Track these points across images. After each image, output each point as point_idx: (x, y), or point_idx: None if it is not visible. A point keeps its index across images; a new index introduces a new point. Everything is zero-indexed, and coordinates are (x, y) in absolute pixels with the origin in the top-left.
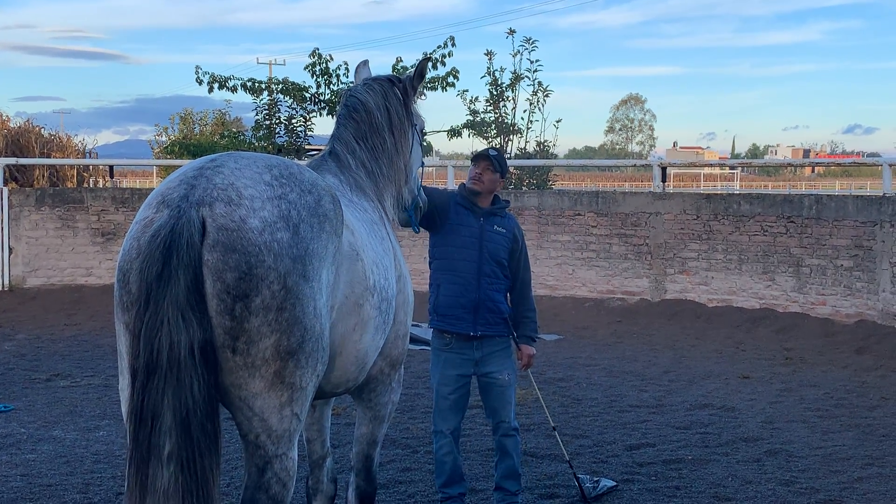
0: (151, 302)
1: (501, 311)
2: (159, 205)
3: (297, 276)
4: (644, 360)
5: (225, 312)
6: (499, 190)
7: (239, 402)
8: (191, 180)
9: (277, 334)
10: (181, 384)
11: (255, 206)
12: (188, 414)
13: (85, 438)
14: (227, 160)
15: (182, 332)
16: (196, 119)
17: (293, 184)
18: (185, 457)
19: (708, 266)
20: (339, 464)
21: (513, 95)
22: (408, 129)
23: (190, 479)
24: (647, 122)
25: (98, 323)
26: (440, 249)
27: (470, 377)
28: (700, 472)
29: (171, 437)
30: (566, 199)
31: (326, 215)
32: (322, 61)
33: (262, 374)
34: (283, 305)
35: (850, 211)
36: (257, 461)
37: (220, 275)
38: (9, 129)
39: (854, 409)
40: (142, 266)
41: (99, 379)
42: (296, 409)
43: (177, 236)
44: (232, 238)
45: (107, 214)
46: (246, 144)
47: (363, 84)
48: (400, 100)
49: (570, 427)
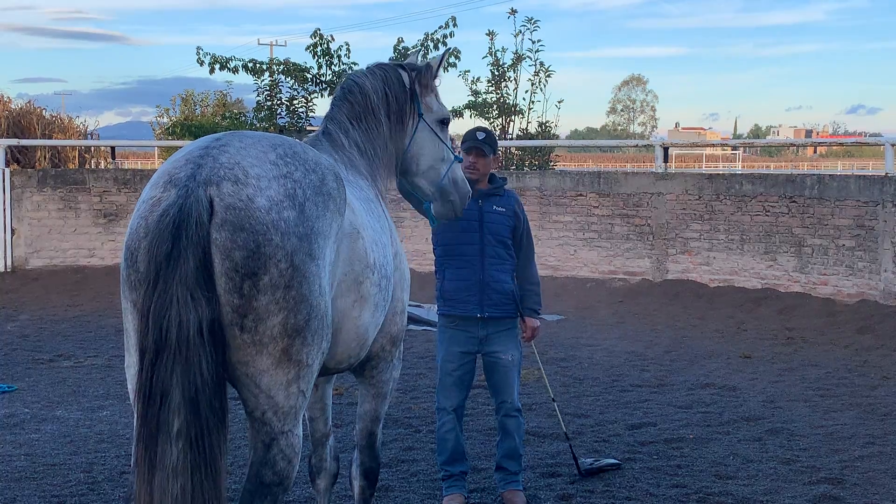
0: (160, 281)
1: (507, 291)
2: (166, 184)
3: (304, 254)
4: (646, 340)
5: (233, 291)
6: (495, 168)
7: (246, 380)
8: (197, 159)
9: (285, 312)
10: (190, 362)
11: (261, 185)
12: (196, 392)
13: (88, 418)
14: (231, 139)
15: (191, 310)
16: (197, 100)
17: (298, 162)
18: (194, 434)
19: (710, 246)
20: (341, 443)
21: (514, 76)
22: (406, 116)
23: (198, 456)
24: (649, 103)
25: (100, 304)
26: (443, 235)
27: (475, 355)
28: (701, 450)
29: (179, 414)
30: (568, 180)
31: (330, 194)
32: (323, 42)
33: (269, 351)
34: (291, 283)
35: (852, 191)
36: (263, 438)
37: (229, 253)
38: (10, 110)
39: (855, 389)
40: (150, 245)
41: (102, 359)
42: (302, 386)
43: (185, 216)
44: (240, 217)
45: (109, 195)
46: (247, 125)
47: (365, 68)
48: (405, 87)
49: (571, 406)
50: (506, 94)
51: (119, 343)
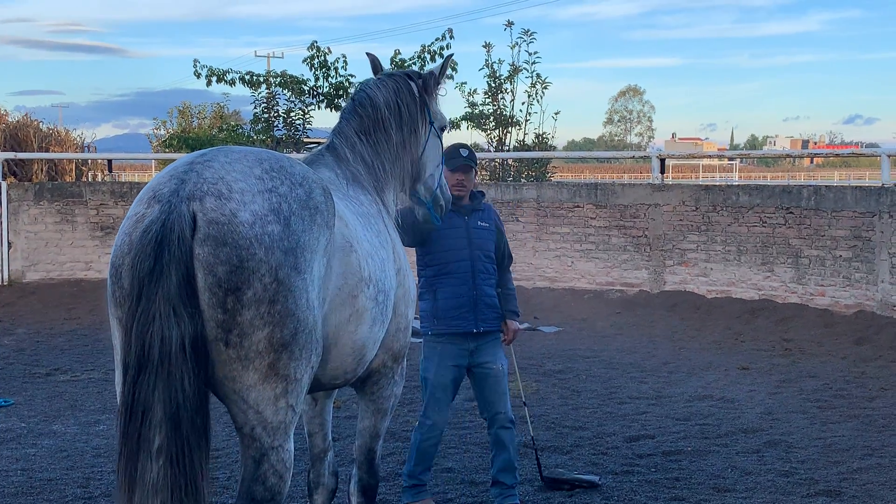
0: (143, 297)
1: (496, 304)
2: (150, 200)
3: (289, 268)
4: (643, 352)
5: (217, 306)
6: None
7: (233, 395)
8: (181, 175)
9: (270, 326)
10: (172, 379)
11: (245, 199)
12: (178, 408)
13: (85, 433)
14: (217, 154)
15: (174, 326)
16: (194, 112)
17: (284, 177)
18: (175, 451)
19: (707, 257)
20: (339, 457)
21: (511, 87)
22: (420, 126)
23: (179, 474)
24: (646, 114)
25: (98, 317)
26: (432, 256)
27: (465, 368)
28: (699, 463)
29: (160, 431)
30: (565, 192)
31: (318, 207)
32: (320, 54)
33: (255, 366)
34: (276, 298)
35: (848, 201)
36: (253, 453)
37: (212, 268)
38: (7, 123)
39: (853, 400)
40: (133, 262)
41: (99, 373)
42: (291, 401)
43: (168, 231)
44: (223, 232)
45: (106, 208)
46: (244, 138)
47: (377, 79)
48: (415, 96)
49: (569, 419)
50: (502, 105)
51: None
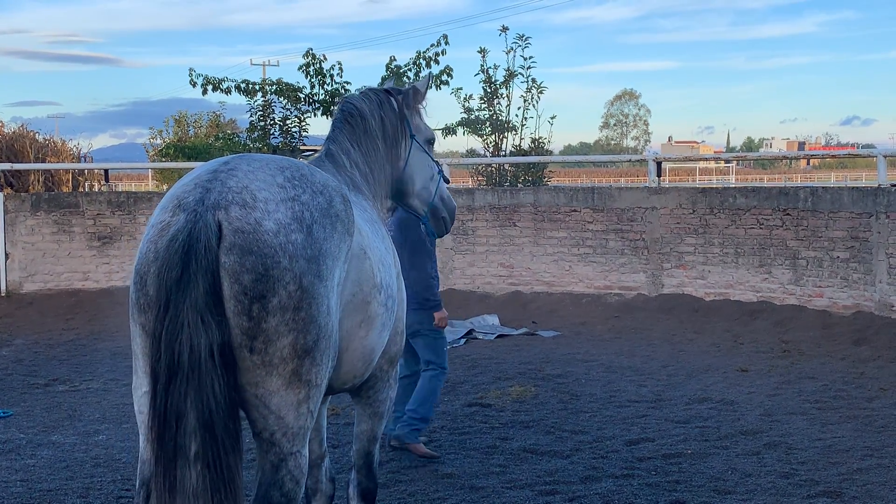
0: (171, 306)
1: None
2: (175, 208)
3: (312, 276)
4: (642, 355)
5: (243, 313)
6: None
7: (255, 401)
8: (205, 183)
9: (294, 333)
10: (203, 385)
11: (269, 208)
12: (211, 414)
13: (84, 443)
14: (239, 163)
15: (202, 334)
16: (190, 121)
17: (305, 185)
18: (211, 456)
19: (704, 260)
20: (337, 463)
21: (507, 93)
22: (401, 140)
23: (217, 478)
24: (642, 118)
25: (95, 327)
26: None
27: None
28: (699, 465)
29: (196, 437)
30: (562, 196)
31: (338, 216)
32: (316, 61)
33: (279, 372)
34: (300, 305)
35: (845, 202)
36: (272, 458)
37: (238, 277)
38: (3, 134)
39: (852, 401)
40: (160, 270)
41: (97, 383)
42: (311, 407)
43: (194, 241)
44: (248, 240)
45: (103, 218)
46: (240, 146)
47: (360, 93)
48: (395, 111)
49: (568, 423)
50: (498, 110)
51: (114, 366)
